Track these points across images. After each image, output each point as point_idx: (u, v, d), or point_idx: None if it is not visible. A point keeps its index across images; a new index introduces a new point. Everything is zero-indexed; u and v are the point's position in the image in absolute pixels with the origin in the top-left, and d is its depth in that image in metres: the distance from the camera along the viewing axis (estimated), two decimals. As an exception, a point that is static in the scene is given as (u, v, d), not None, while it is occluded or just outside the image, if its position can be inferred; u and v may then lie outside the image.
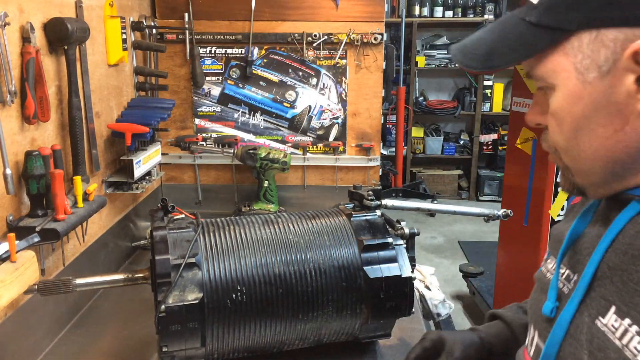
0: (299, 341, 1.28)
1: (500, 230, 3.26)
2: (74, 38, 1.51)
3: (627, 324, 0.64)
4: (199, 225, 1.24)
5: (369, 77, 2.48)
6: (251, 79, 2.48)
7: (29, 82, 1.34)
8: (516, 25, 0.71)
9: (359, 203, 1.37)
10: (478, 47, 0.74)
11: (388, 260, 1.26)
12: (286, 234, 1.27)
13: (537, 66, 0.71)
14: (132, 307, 1.66)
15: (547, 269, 0.88)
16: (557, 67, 0.69)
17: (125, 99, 2.09)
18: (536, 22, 0.68)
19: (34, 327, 1.41)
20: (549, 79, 0.71)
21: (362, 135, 2.54)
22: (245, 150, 2.38)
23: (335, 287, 1.23)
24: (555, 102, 0.71)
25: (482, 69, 0.74)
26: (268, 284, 1.19)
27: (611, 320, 0.67)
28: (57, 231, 1.34)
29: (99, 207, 1.60)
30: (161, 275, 1.13)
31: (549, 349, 0.76)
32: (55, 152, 1.44)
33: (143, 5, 2.28)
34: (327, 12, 2.42)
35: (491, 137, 6.27)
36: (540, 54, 0.70)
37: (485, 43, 0.74)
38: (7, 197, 1.31)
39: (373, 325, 1.30)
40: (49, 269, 1.49)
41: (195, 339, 1.15)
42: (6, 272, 1.13)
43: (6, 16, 1.26)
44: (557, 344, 0.75)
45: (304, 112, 2.51)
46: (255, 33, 2.42)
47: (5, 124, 1.29)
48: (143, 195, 2.24)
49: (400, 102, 5.74)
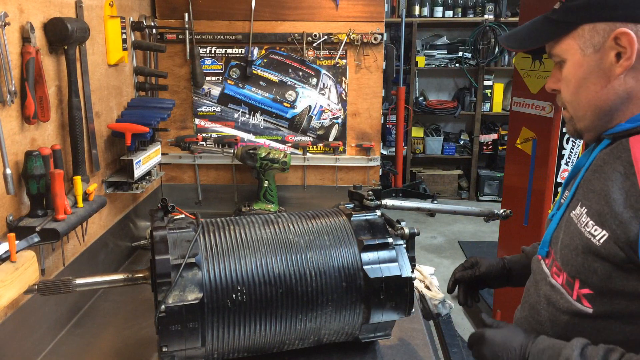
0: (299, 341, 1.28)
1: (500, 230, 3.26)
2: (74, 38, 1.51)
3: (583, 212, 1.03)
4: (199, 225, 1.24)
5: (369, 77, 2.48)
6: (251, 79, 2.48)
7: (29, 82, 1.34)
8: (543, 22, 1.11)
9: (359, 203, 1.37)
10: (519, 34, 1.15)
11: (388, 260, 1.26)
12: (286, 234, 1.27)
13: (555, 46, 1.08)
14: (132, 307, 1.66)
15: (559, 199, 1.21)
16: (568, 47, 1.06)
17: (125, 99, 2.09)
18: (556, 19, 1.08)
19: (34, 327, 1.41)
20: (563, 55, 1.07)
21: (362, 135, 2.54)
22: (245, 150, 2.38)
23: (335, 287, 1.23)
24: (566, 70, 1.08)
25: (519, 48, 1.17)
26: (268, 284, 1.19)
27: (577, 211, 1.05)
28: (57, 231, 1.34)
29: (99, 207, 1.60)
30: (161, 275, 1.13)
31: (546, 236, 1.15)
32: (55, 152, 1.44)
33: (143, 5, 2.28)
34: (327, 12, 2.42)
35: (491, 137, 6.26)
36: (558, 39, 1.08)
37: (523, 32, 1.14)
38: (7, 197, 1.31)
39: (373, 325, 1.30)
40: (49, 269, 1.49)
41: (195, 339, 1.15)
42: (6, 272, 1.13)
43: (6, 16, 1.26)
44: (551, 232, 1.15)
45: (304, 112, 2.51)
46: (255, 33, 2.42)
47: (5, 124, 1.29)
48: (143, 195, 2.24)
49: (400, 102, 5.74)
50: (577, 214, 1.05)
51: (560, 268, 1.07)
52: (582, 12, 1.03)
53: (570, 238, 1.05)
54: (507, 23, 5.79)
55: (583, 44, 1.03)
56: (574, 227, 1.05)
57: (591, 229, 0.99)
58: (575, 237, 1.03)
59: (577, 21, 1.04)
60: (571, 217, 1.06)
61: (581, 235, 1.01)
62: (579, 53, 1.04)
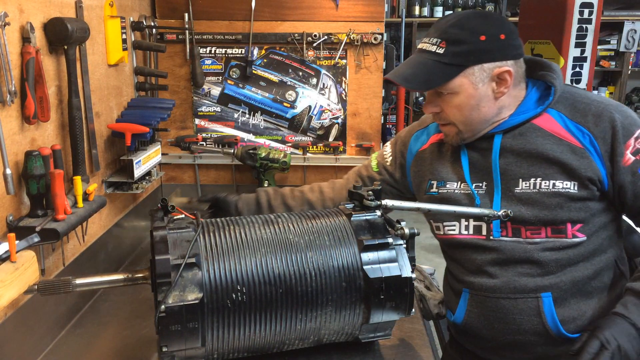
0: (299, 341, 1.28)
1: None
2: (74, 38, 1.51)
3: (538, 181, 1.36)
4: (199, 225, 1.24)
5: (369, 77, 2.48)
6: (251, 79, 2.48)
7: (29, 82, 1.33)
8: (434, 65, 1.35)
9: (359, 203, 1.36)
10: (417, 77, 1.37)
11: (388, 260, 1.26)
12: (286, 234, 1.27)
13: (446, 84, 1.36)
14: (132, 307, 1.66)
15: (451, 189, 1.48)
16: (461, 83, 1.35)
17: (125, 99, 2.09)
18: (448, 62, 1.34)
19: (34, 327, 1.41)
20: (455, 90, 1.36)
21: (362, 135, 2.54)
22: (245, 150, 2.38)
23: (335, 287, 1.23)
24: (457, 100, 1.37)
25: (426, 89, 1.41)
26: (268, 284, 1.19)
27: (525, 185, 1.38)
28: (57, 231, 1.34)
29: (99, 207, 1.60)
30: (161, 275, 1.13)
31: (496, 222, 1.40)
32: (55, 152, 1.44)
33: (143, 5, 2.28)
34: (327, 12, 2.42)
35: (491, 137, 6.26)
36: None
37: (421, 75, 1.37)
38: (7, 197, 1.31)
39: (373, 325, 1.30)
40: (49, 269, 1.49)
41: (195, 339, 1.15)
42: (6, 272, 1.13)
43: (6, 16, 1.26)
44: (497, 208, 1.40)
45: (304, 112, 2.51)
46: (255, 33, 2.42)
47: (5, 124, 1.29)
48: (143, 195, 2.24)
49: (400, 102, 5.73)
50: (527, 186, 1.37)
51: (538, 228, 1.37)
52: (471, 57, 1.33)
53: (542, 203, 1.35)
54: (507, 23, 5.79)
55: (474, 80, 1.35)
56: (537, 196, 1.36)
57: (563, 184, 1.34)
58: (550, 199, 1.34)
59: (467, 64, 1.33)
60: (522, 192, 1.37)
61: (558, 194, 1.34)
62: (470, 87, 1.35)
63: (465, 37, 1.33)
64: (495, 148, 1.41)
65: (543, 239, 1.37)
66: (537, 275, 1.38)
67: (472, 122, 1.40)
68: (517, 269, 1.40)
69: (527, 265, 1.39)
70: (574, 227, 1.35)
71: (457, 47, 1.33)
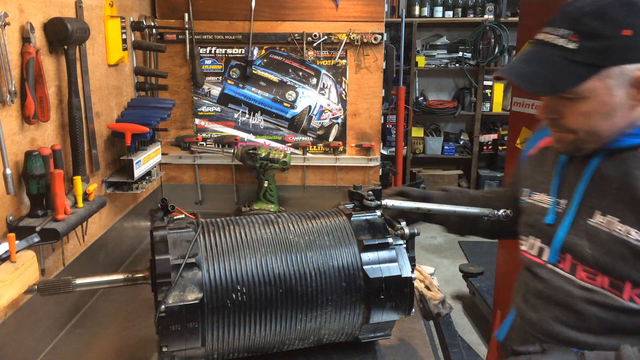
0: (299, 341, 1.28)
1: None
2: (74, 38, 1.51)
3: (615, 221, 1.11)
4: (199, 225, 1.24)
5: (369, 77, 2.48)
6: (251, 79, 2.48)
7: (29, 82, 1.34)
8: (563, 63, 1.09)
9: (359, 203, 1.36)
10: (540, 78, 1.12)
11: (388, 260, 1.26)
12: (286, 234, 1.27)
13: (575, 87, 1.09)
14: (132, 307, 1.66)
15: (535, 200, 1.32)
16: (593, 87, 1.09)
17: (125, 99, 2.09)
18: (581, 61, 1.08)
19: (34, 327, 1.41)
20: (586, 94, 1.10)
21: (362, 135, 2.54)
22: (245, 150, 2.38)
23: (335, 287, 1.23)
24: (586, 107, 1.12)
25: (551, 94, 1.16)
26: (268, 284, 1.19)
27: (600, 220, 1.14)
28: (57, 231, 1.35)
29: (99, 207, 1.60)
30: (161, 275, 1.13)
31: (556, 243, 1.22)
32: (55, 152, 1.44)
33: (143, 5, 2.28)
34: (327, 12, 2.42)
35: (491, 137, 6.26)
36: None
37: (546, 75, 1.12)
38: (7, 197, 1.31)
39: (373, 325, 1.30)
40: (49, 269, 1.49)
41: (195, 339, 1.15)
42: (6, 272, 1.13)
43: (6, 16, 1.26)
44: (561, 240, 1.21)
45: (304, 112, 2.51)
46: (255, 33, 2.42)
47: (5, 124, 1.29)
48: (143, 195, 2.24)
49: (400, 102, 5.72)
50: (602, 222, 1.14)
51: (595, 273, 1.15)
52: (611, 56, 1.07)
53: (608, 247, 1.12)
54: (507, 23, 5.79)
55: (610, 84, 1.08)
56: (606, 236, 1.12)
57: (638, 236, 1.08)
58: (617, 245, 1.11)
59: (605, 64, 1.08)
60: (593, 226, 1.15)
61: (627, 244, 1.09)
62: (605, 93, 1.09)
63: (604, 31, 1.07)
64: (592, 167, 1.18)
65: (598, 288, 1.15)
66: (575, 328, 1.18)
67: (599, 133, 1.14)
68: (555, 312, 1.21)
69: (567, 313, 1.19)
70: (635, 289, 1.10)
71: (594, 42, 1.08)
